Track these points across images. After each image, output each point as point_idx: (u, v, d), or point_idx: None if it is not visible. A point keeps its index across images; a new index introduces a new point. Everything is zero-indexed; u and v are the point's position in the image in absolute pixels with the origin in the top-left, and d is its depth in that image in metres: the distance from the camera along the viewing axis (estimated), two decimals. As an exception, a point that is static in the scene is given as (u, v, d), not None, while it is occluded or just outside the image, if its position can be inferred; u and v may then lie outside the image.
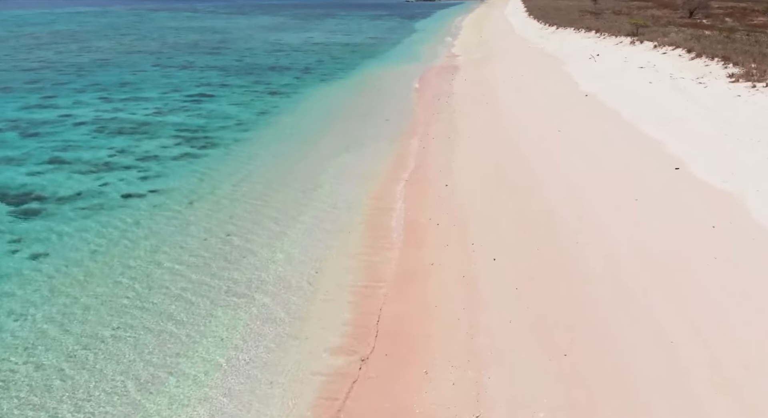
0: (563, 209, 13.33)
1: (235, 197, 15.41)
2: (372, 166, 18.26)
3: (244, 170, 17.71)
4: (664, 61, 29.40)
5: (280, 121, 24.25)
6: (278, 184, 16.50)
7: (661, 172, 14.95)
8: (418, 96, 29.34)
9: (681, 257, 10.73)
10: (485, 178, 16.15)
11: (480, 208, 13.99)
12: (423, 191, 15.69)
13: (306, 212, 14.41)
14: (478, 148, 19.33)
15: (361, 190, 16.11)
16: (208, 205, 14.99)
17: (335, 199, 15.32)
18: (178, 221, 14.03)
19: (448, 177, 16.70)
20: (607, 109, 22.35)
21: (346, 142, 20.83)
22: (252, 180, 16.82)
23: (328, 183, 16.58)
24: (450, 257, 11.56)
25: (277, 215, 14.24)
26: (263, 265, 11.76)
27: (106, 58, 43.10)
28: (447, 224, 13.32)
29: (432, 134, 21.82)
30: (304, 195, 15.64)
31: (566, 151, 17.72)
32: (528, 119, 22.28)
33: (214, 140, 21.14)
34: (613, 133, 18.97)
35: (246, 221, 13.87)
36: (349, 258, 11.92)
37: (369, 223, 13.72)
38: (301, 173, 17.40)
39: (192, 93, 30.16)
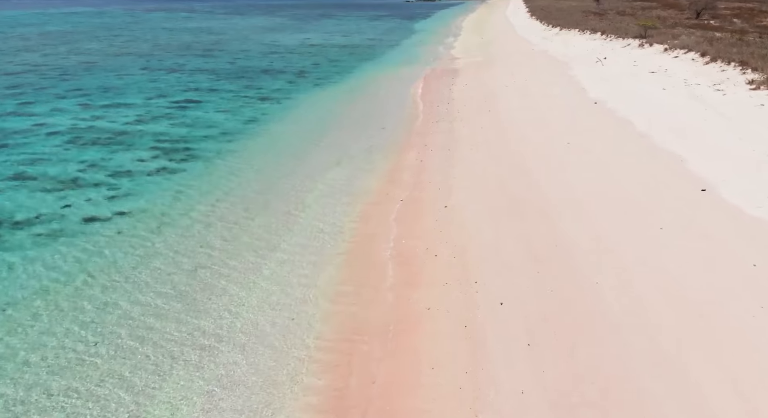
0: (578, 239, 11.75)
1: (210, 221, 13.83)
2: (364, 182, 16.69)
3: (224, 188, 16.14)
4: (677, 65, 27.82)
5: (268, 130, 22.67)
6: (260, 204, 14.93)
7: (686, 195, 13.37)
8: (417, 102, 27.77)
9: (719, 303, 9.15)
10: (488, 199, 14.58)
11: (483, 235, 12.41)
12: (419, 214, 14.12)
13: (288, 239, 12.83)
14: (480, 162, 17.75)
15: (352, 211, 14.54)
16: (179, 230, 13.41)
17: (322, 223, 13.74)
18: (144, 250, 12.45)
19: (448, 196, 15.13)
20: (618, 119, 20.76)
21: (338, 155, 19.26)
22: (231, 199, 15.24)
23: (315, 203, 15.01)
24: (449, 300, 9.99)
25: (256, 243, 12.67)
26: (234, 308, 10.18)
27: (93, 61, 41.53)
28: (446, 255, 11.75)
29: (430, 145, 20.26)
30: (288, 218, 14.06)
31: (577, 166, 16.14)
32: (533, 129, 20.70)
33: (195, 152, 19.57)
34: (628, 146, 17.39)
35: (219, 251, 12.29)
36: (333, 300, 10.34)
37: (359, 254, 12.14)
38: (286, 191, 15.83)
39: (178, 99, 28.59)
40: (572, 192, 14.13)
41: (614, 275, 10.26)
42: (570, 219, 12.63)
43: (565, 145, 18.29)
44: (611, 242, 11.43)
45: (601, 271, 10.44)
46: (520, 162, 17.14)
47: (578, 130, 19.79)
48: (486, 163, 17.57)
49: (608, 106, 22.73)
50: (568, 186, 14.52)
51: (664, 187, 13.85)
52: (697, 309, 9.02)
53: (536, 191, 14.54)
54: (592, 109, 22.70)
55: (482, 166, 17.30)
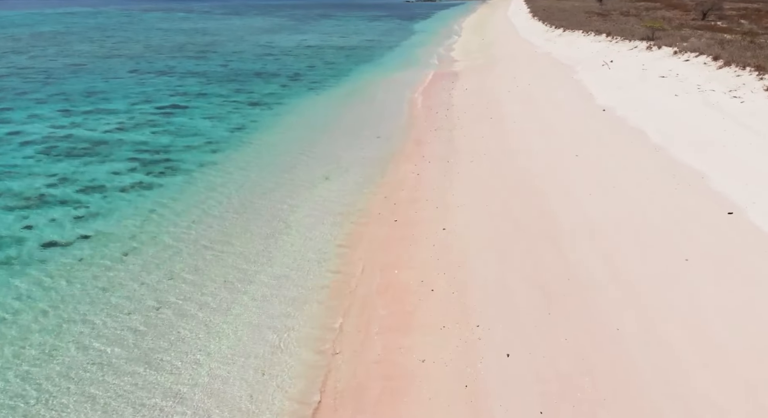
0: (593, 272, 10.38)
1: (183, 247, 12.46)
2: (355, 199, 15.32)
3: (202, 206, 14.77)
4: (688, 69, 26.43)
5: (256, 139, 21.30)
6: (239, 226, 13.56)
7: (711, 219, 11.99)
8: (414, 108, 26.41)
9: (762, 358, 7.78)
10: (492, 221, 13.21)
11: (486, 266, 11.04)
12: (415, 238, 12.75)
13: (265, 270, 11.45)
14: (481, 176, 16.39)
15: (339, 234, 13.17)
16: (146, 258, 12.04)
17: (305, 249, 12.37)
18: (104, 282, 11.08)
19: (446, 217, 13.77)
20: (629, 128, 19.39)
21: (328, 168, 17.88)
22: (208, 220, 13.87)
23: (299, 224, 13.64)
24: (448, 349, 8.62)
25: (230, 274, 11.30)
26: (199, 358, 8.82)
27: (81, 64, 40.16)
28: (444, 289, 10.38)
29: (428, 156, 18.90)
30: (268, 243, 12.69)
31: (588, 183, 14.77)
32: (538, 139, 19.32)
33: (176, 164, 18.20)
34: (643, 161, 16.01)
35: (188, 285, 10.92)
36: (312, 348, 8.98)
37: (345, 287, 10.78)
38: (268, 211, 14.46)
39: (164, 104, 27.22)
40: (585, 215, 12.75)
41: (637, 319, 8.89)
42: (583, 248, 11.25)
43: (574, 159, 16.92)
44: (631, 277, 10.06)
45: (621, 314, 9.07)
46: (525, 178, 15.77)
47: (587, 141, 18.42)
48: (488, 177, 16.21)
49: (618, 113, 21.36)
50: (580, 208, 13.15)
51: (686, 211, 12.47)
52: (741, 368, 7.64)
53: (544, 213, 13.16)
54: (600, 117, 21.32)
55: (484, 181, 15.93)
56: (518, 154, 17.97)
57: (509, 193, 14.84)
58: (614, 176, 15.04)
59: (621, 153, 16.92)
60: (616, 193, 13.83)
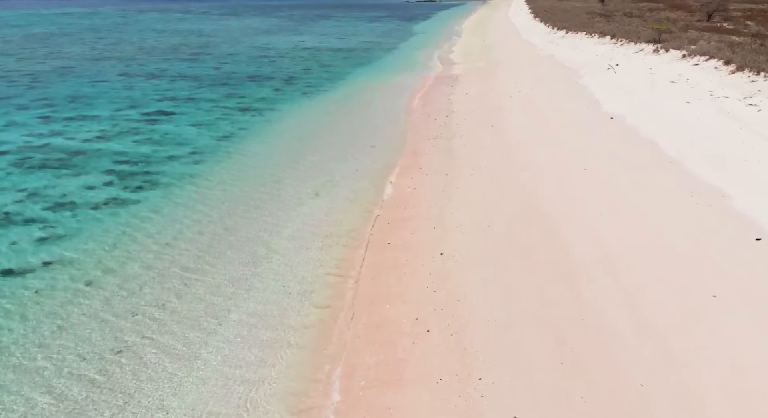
0: (610, 312, 9.19)
1: (153, 277, 11.26)
2: (346, 219, 14.13)
3: (179, 226, 13.58)
4: (699, 74, 25.24)
5: (243, 149, 20.10)
6: (217, 250, 12.36)
7: (738, 247, 10.81)
8: (412, 114, 25.22)
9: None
10: (493, 244, 12.01)
11: (488, 301, 9.85)
12: (409, 264, 11.56)
13: (242, 305, 10.25)
14: (482, 192, 15.20)
15: (327, 260, 11.97)
16: (112, 289, 10.84)
17: (288, 278, 11.17)
18: (61, 320, 9.88)
19: (444, 239, 12.58)
20: (640, 139, 18.21)
21: (318, 182, 16.69)
22: (184, 244, 12.67)
23: (283, 249, 12.43)
24: (445, 410, 7.42)
25: (201, 310, 10.10)
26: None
27: (70, 67, 38.96)
28: (441, 330, 9.19)
29: (425, 169, 17.72)
30: (247, 271, 11.49)
31: (598, 201, 13.58)
32: (543, 150, 18.13)
33: (155, 177, 17.01)
34: (658, 177, 14.83)
35: (153, 322, 9.72)
36: (288, 407, 7.78)
37: (328, 327, 9.58)
38: (250, 232, 13.26)
39: (150, 110, 26.02)
40: (597, 240, 11.55)
41: (665, 372, 7.70)
42: (597, 281, 10.06)
43: (582, 173, 15.73)
44: (654, 318, 8.86)
45: (644, 365, 7.87)
46: (529, 194, 14.58)
47: (595, 153, 17.23)
48: (489, 194, 15.02)
49: (627, 122, 20.17)
50: (592, 231, 11.95)
51: (709, 236, 11.28)
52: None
53: (552, 237, 11.96)
54: (608, 126, 20.13)
55: (485, 197, 14.74)
56: (522, 167, 16.79)
57: (513, 212, 13.65)
58: (627, 194, 13.85)
59: (633, 167, 15.73)
60: (630, 214, 12.64)
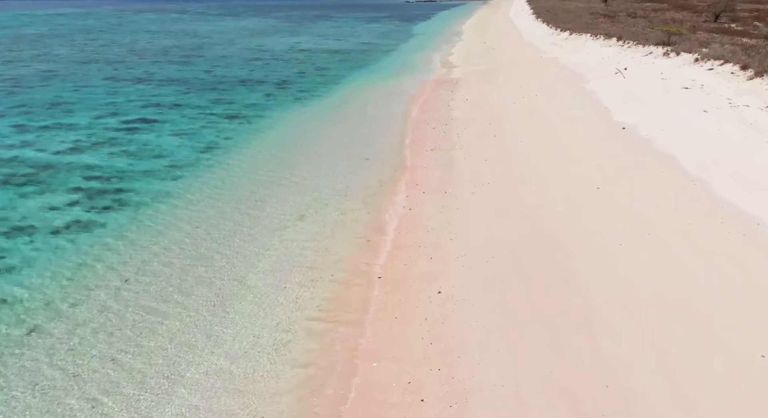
0: (640, 374, 7.68)
1: (103, 322, 9.74)
2: (333, 246, 12.62)
3: (143, 256, 12.07)
4: (714, 80, 23.73)
5: (226, 162, 18.59)
6: (183, 287, 10.85)
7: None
8: (409, 122, 23.71)
9: None
10: (498, 282, 10.51)
11: (494, 358, 8.34)
12: (402, 305, 10.06)
13: (203, 361, 8.74)
14: (485, 214, 13.70)
15: (308, 299, 10.46)
16: (57, 336, 9.34)
17: (261, 326, 9.66)
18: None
19: (443, 273, 11.08)
20: (657, 153, 16.69)
21: (305, 201, 15.19)
22: (146, 278, 11.16)
23: (258, 285, 10.92)
24: None
25: (156, 366, 8.59)
26: None
27: (54, 70, 37.45)
28: (437, 399, 7.68)
29: (422, 185, 16.23)
30: (215, 313, 9.98)
31: (616, 229, 12.06)
32: (551, 165, 16.62)
33: (126, 196, 15.51)
34: (678, 197, 13.31)
35: (93, 386, 8.20)
36: None
37: (304, 398, 8.05)
38: (223, 264, 11.75)
39: (131, 117, 24.52)
40: (618, 278, 10.04)
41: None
42: (622, 334, 8.54)
43: (595, 193, 14.22)
44: (694, 388, 7.34)
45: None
46: (538, 219, 13.06)
47: (608, 170, 15.72)
48: (493, 216, 13.51)
49: (641, 133, 18.64)
50: (611, 267, 10.43)
51: (749, 276, 9.76)
52: None
53: (565, 274, 10.45)
54: (621, 137, 18.61)
55: (488, 222, 13.23)
56: (528, 185, 15.28)
57: (520, 240, 12.13)
58: (647, 220, 12.33)
59: (651, 186, 14.21)
60: (654, 246, 11.11)
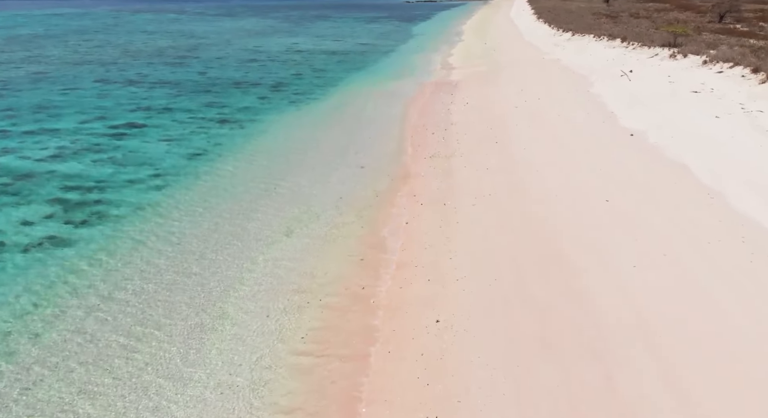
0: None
1: (66, 358, 8.83)
2: (322, 266, 11.71)
3: (115, 279, 11.16)
4: (724, 83, 22.82)
5: (215, 170, 17.69)
6: (154, 317, 9.93)
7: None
8: (407, 127, 22.80)
9: None
10: (503, 308, 9.61)
11: (499, 405, 7.44)
12: (396, 337, 9.17)
13: (172, 403, 7.84)
14: (487, 229, 12.79)
15: (292, 329, 9.56)
16: (10, 376, 8.43)
17: (236, 362, 8.74)
18: (-70, 426, 7.50)
19: (441, 297, 10.19)
20: (668, 162, 15.79)
21: (294, 214, 14.29)
22: (116, 305, 10.25)
23: (237, 312, 10.01)
24: None
25: (115, 414, 7.69)
26: None
27: (45, 72, 36.57)
28: (433, 449, 6.77)
29: (420, 196, 15.34)
30: (188, 345, 9.08)
31: (629, 249, 11.15)
32: (556, 175, 15.72)
33: (106, 209, 14.62)
34: (695, 212, 12.40)
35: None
36: None
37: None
38: (202, 286, 10.85)
39: (119, 122, 23.62)
40: (633, 306, 9.13)
41: None
42: (642, 370, 7.64)
43: (604, 206, 13.31)
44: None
45: None
46: (544, 235, 12.15)
47: (617, 180, 14.81)
48: (496, 232, 12.60)
49: (650, 141, 17.73)
50: (626, 293, 9.52)
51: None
52: None
53: (576, 299, 9.53)
54: (629, 145, 17.70)
55: (491, 238, 12.33)
56: (532, 197, 14.37)
57: (525, 259, 11.23)
58: (661, 237, 11.42)
59: (664, 199, 13.30)
60: (671, 268, 10.21)
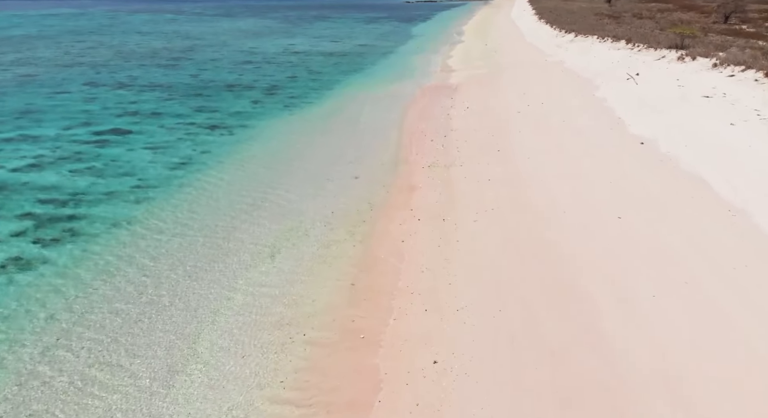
0: None
1: (12, 408, 7.79)
2: (309, 293, 10.67)
3: (80, 308, 10.12)
4: (737, 88, 21.78)
5: (200, 181, 16.64)
6: (118, 355, 8.89)
7: None
8: (405, 133, 21.77)
9: None
10: (508, 345, 8.57)
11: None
12: (388, 382, 8.12)
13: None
14: (489, 250, 11.76)
15: (270, 370, 8.51)
16: (-52, 428, 7.42)
17: (206, 410, 7.70)
18: None
19: (439, 332, 9.16)
20: (683, 174, 14.75)
21: (282, 231, 13.25)
22: (74, 345, 9.20)
23: (210, 351, 8.95)
24: None
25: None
26: None
27: (33, 75, 35.54)
28: None
29: (418, 210, 14.30)
30: (154, 391, 8.03)
31: (648, 276, 10.11)
32: (563, 187, 14.69)
33: (79, 225, 13.59)
34: (718, 233, 11.36)
35: None
36: None
37: None
38: (173, 319, 9.80)
39: (104, 128, 22.58)
40: (657, 349, 8.08)
41: None
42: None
43: (616, 223, 12.27)
44: None
45: None
46: (553, 259, 11.11)
47: (629, 193, 13.77)
48: (499, 253, 11.56)
49: (662, 150, 16.70)
50: (647, 331, 8.47)
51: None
52: None
53: (592, 340, 8.48)
54: (639, 154, 16.66)
55: (494, 261, 11.28)
56: (538, 213, 13.33)
57: (532, 287, 10.19)
58: (683, 262, 10.38)
59: (681, 217, 12.26)
60: (695, 299, 9.17)
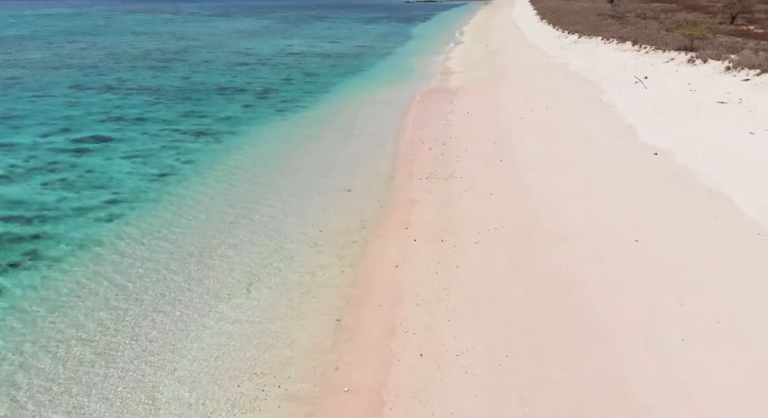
0: None
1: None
2: (287, 332, 9.43)
3: (29, 349, 8.89)
4: (753, 93, 20.56)
5: (179, 194, 15.41)
6: (66, 409, 7.67)
7: None
8: (402, 141, 20.54)
9: None
10: (518, 405, 7.34)
11: None
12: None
13: None
14: (494, 278, 10.53)
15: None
16: None
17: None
18: None
19: (436, 384, 7.94)
20: (703, 189, 13.52)
21: (264, 254, 12.02)
22: (23, 395, 7.98)
23: (168, 409, 7.73)
24: None
25: None
26: None
27: (18, 77, 34.31)
28: None
29: (414, 229, 13.09)
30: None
31: (675, 311, 8.89)
32: (573, 206, 13.46)
33: (45, 245, 12.38)
34: (749, 262, 10.14)
35: None
36: None
37: None
38: (133, 364, 8.57)
39: (84, 135, 21.36)
40: (691, 404, 6.86)
41: None
42: None
43: (634, 248, 11.04)
44: None
45: None
46: (567, 292, 9.87)
47: (646, 213, 12.54)
48: (506, 283, 10.33)
49: (678, 162, 15.47)
50: (682, 388, 7.25)
51: None
52: None
53: (619, 401, 7.25)
54: (654, 167, 15.43)
55: (499, 292, 10.06)
56: (547, 234, 12.10)
57: (543, 328, 8.96)
58: (712, 297, 9.15)
59: (706, 242, 11.02)
60: (731, 343, 7.94)
